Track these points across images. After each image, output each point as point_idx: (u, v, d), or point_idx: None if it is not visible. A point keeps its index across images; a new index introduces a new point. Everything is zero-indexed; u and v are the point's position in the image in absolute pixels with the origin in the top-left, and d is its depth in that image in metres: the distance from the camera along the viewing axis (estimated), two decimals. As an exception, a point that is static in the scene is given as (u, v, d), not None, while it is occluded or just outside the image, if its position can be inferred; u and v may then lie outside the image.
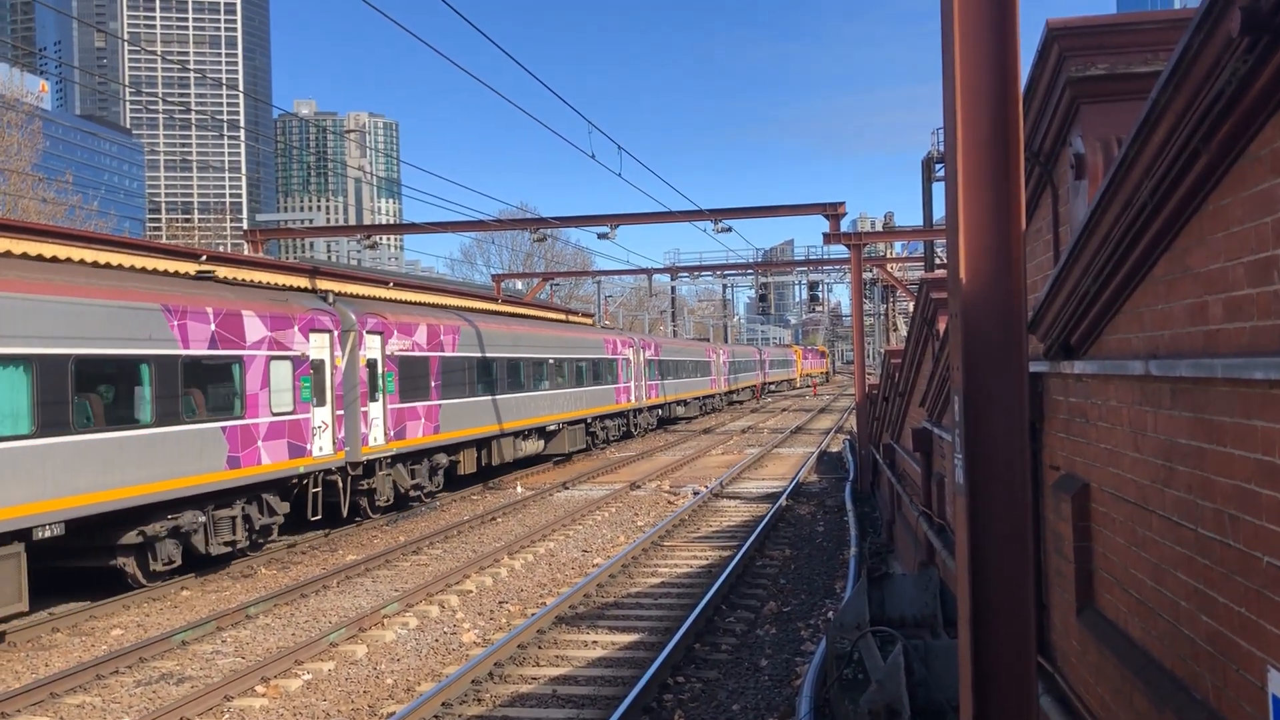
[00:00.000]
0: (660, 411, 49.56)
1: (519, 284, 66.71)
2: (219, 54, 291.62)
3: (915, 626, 8.50)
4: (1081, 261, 5.30)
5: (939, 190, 42.02)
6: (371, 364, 21.79)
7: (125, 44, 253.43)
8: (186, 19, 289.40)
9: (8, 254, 15.31)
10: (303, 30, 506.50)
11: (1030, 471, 4.69)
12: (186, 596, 15.85)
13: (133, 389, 15.47)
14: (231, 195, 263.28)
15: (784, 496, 24.14)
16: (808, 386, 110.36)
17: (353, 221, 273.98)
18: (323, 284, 24.14)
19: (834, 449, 38.24)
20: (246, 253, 34.45)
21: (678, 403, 52.82)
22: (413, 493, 23.71)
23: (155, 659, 12.38)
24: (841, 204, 30.38)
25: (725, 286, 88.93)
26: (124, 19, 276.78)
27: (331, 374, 20.29)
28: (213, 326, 17.03)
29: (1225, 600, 3.90)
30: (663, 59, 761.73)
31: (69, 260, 16.76)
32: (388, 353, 22.43)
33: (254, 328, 18.07)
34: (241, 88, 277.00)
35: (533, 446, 31.36)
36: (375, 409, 21.77)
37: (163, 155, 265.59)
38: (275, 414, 18.43)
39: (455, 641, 12.92)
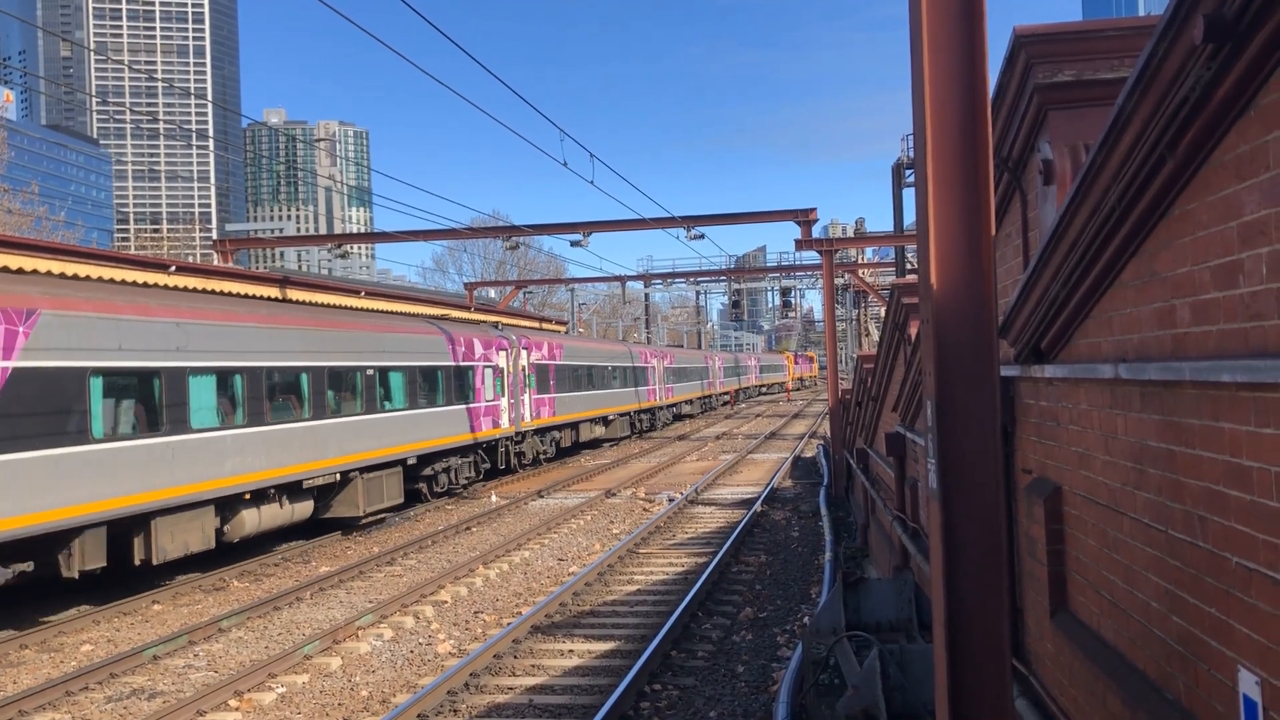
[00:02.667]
0: (673, 409, 59.16)
1: (492, 292, 66.40)
2: (187, 63, 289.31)
3: (891, 631, 8.54)
4: (1051, 266, 5.34)
5: (909, 196, 42.28)
6: (523, 369, 32.11)
7: (91, 53, 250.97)
8: (154, 28, 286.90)
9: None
10: (272, 39, 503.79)
11: (1003, 475, 4.71)
12: (158, 610, 15.66)
13: (436, 384, 25.67)
14: (200, 205, 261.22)
15: (759, 502, 24.18)
16: (796, 389, 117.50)
17: (323, 230, 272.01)
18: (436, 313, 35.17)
19: (808, 454, 38.34)
20: (216, 263, 34.15)
21: (685, 402, 63.60)
22: (541, 457, 34.38)
23: (126, 674, 12.21)
24: (813, 210, 30.52)
25: (699, 293, 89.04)
26: (90, 28, 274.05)
27: (507, 376, 30.69)
28: (462, 348, 27.51)
29: (1196, 601, 3.93)
30: (636, 66, 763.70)
31: (35, 271, 16.65)
32: (531, 361, 33.01)
33: (477, 348, 28.65)
34: (210, 97, 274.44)
35: (600, 430, 42.89)
36: (526, 398, 32.21)
37: (130, 165, 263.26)
38: (486, 401, 28.88)
39: (430, 652, 12.84)
